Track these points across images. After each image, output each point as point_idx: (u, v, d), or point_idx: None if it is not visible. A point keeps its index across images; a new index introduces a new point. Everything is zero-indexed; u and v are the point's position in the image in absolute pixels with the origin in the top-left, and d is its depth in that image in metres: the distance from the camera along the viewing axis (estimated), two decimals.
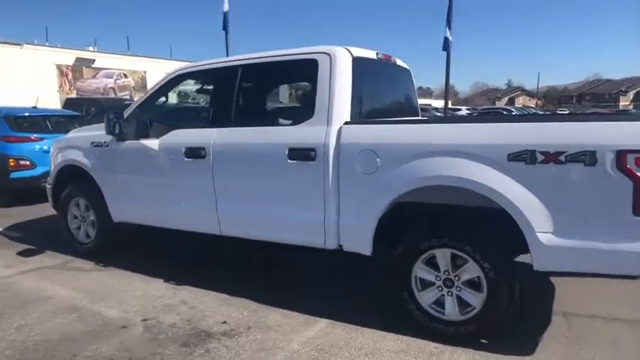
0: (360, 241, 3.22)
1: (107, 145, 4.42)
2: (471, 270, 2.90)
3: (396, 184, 3.00)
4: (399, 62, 4.30)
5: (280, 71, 3.79)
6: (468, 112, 31.52)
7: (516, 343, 2.92)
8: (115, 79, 28.31)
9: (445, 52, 22.55)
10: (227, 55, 17.13)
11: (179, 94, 4.61)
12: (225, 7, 15.96)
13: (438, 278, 3.04)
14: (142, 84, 29.10)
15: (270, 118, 3.83)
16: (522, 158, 2.64)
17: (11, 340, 3.13)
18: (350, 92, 3.32)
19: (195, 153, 3.82)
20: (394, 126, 3.22)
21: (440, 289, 3.04)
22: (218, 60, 4.01)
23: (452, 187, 2.82)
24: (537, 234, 2.64)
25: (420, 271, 3.08)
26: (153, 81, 20.06)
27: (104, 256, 4.72)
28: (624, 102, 62.85)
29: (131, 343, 3.07)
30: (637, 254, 2.46)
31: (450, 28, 22.11)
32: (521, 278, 2.95)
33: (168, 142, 4.01)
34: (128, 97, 25.87)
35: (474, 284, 2.93)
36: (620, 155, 2.42)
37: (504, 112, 26.61)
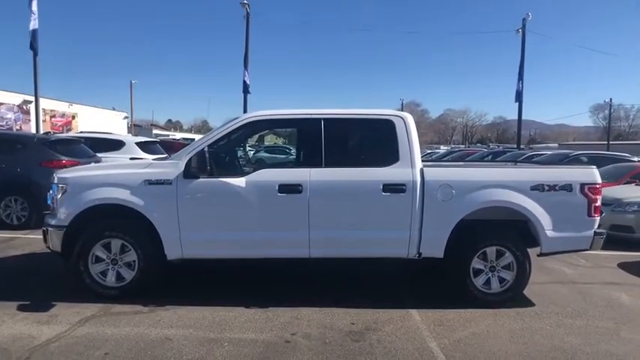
0: (437, 248, 4.64)
1: (170, 184, 4.48)
2: (508, 258, 4.71)
3: (465, 206, 4.59)
4: None
5: (361, 125, 4.86)
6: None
7: (517, 303, 4.80)
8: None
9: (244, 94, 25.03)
10: (35, 75, 14.98)
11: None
12: (33, 25, 14.05)
13: (486, 266, 4.72)
14: None
15: (358, 161, 4.74)
16: (537, 188, 4.63)
17: None
18: (418, 143, 4.77)
19: (290, 189, 4.49)
20: (464, 168, 4.82)
21: (487, 273, 4.73)
22: (296, 111, 4.78)
23: (499, 206, 4.60)
24: (545, 231, 4.65)
25: (476, 263, 4.71)
26: None
27: (135, 297, 4.55)
28: None
29: (318, 350, 3.66)
30: (590, 237, 4.72)
31: (247, 72, 24.73)
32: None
33: (257, 180, 4.51)
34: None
35: (507, 266, 4.73)
36: (582, 185, 4.67)
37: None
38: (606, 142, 46.25)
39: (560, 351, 3.77)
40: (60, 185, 4.61)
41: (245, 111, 24.14)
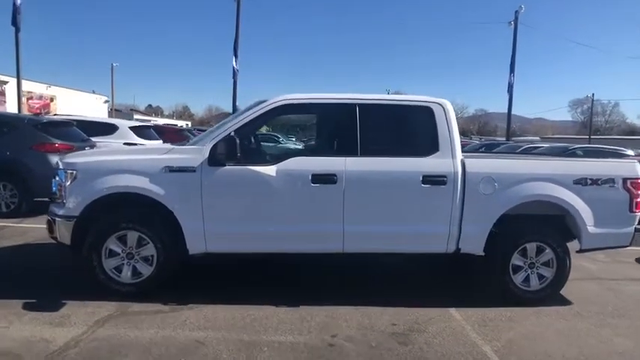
0: (477, 244, 4.40)
1: (194, 171, 4.10)
2: (548, 254, 4.49)
3: (507, 200, 4.34)
4: None
5: (398, 112, 4.54)
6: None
7: (554, 301, 4.60)
8: None
9: (233, 80, 24.41)
10: (17, 53, 14.21)
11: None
12: (17, 1, 13.22)
13: (525, 263, 4.50)
14: None
15: (395, 150, 4.42)
16: (580, 182, 4.42)
17: None
18: (458, 132, 4.49)
19: (325, 179, 4.16)
20: (505, 160, 4.57)
21: (526, 270, 4.51)
22: (328, 95, 4.45)
23: (541, 201, 4.38)
24: (587, 227, 4.45)
25: (515, 260, 4.48)
26: None
27: (152, 294, 4.17)
28: None
29: (367, 354, 3.37)
30: (630, 233, 4.55)
31: (236, 58, 24.13)
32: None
33: (289, 169, 4.16)
34: None
35: (546, 263, 4.52)
36: (625, 180, 4.48)
37: None
38: (586, 137, 47.16)
39: (617, 355, 3.58)
40: (68, 171, 4.17)
41: (234, 99, 23.53)
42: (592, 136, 48.32)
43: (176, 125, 34.68)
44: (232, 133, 4.18)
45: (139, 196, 4.10)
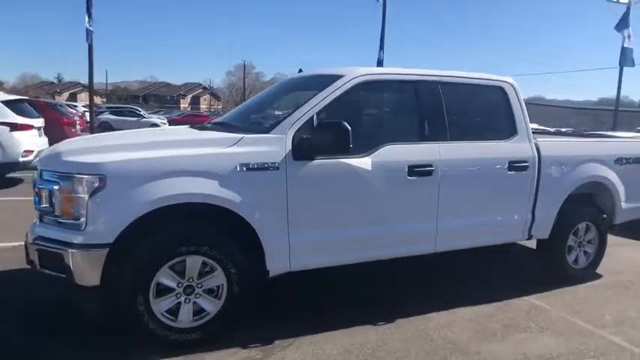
0: (546, 229, 4.31)
1: (277, 168, 3.08)
2: (592, 232, 4.65)
3: (572, 182, 4.34)
4: None
5: (474, 91, 4.05)
6: None
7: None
8: None
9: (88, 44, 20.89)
10: None
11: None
12: None
13: (576, 242, 4.59)
14: None
15: (478, 134, 3.92)
16: (618, 161, 4.64)
17: None
18: None
19: (422, 171, 3.55)
20: (568, 142, 4.50)
21: (575, 250, 4.61)
22: (409, 71, 3.77)
23: (593, 182, 4.48)
24: (621, 203, 4.72)
25: (570, 241, 4.52)
26: None
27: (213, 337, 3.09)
28: (184, 104, 71.71)
29: None
30: None
31: (90, 18, 20.55)
32: None
33: (383, 160, 3.42)
34: None
35: (590, 241, 4.68)
36: None
37: None
38: None
39: None
40: (85, 177, 2.75)
41: (91, 65, 19.92)
42: None
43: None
44: (315, 117, 3.24)
45: (205, 205, 2.93)
